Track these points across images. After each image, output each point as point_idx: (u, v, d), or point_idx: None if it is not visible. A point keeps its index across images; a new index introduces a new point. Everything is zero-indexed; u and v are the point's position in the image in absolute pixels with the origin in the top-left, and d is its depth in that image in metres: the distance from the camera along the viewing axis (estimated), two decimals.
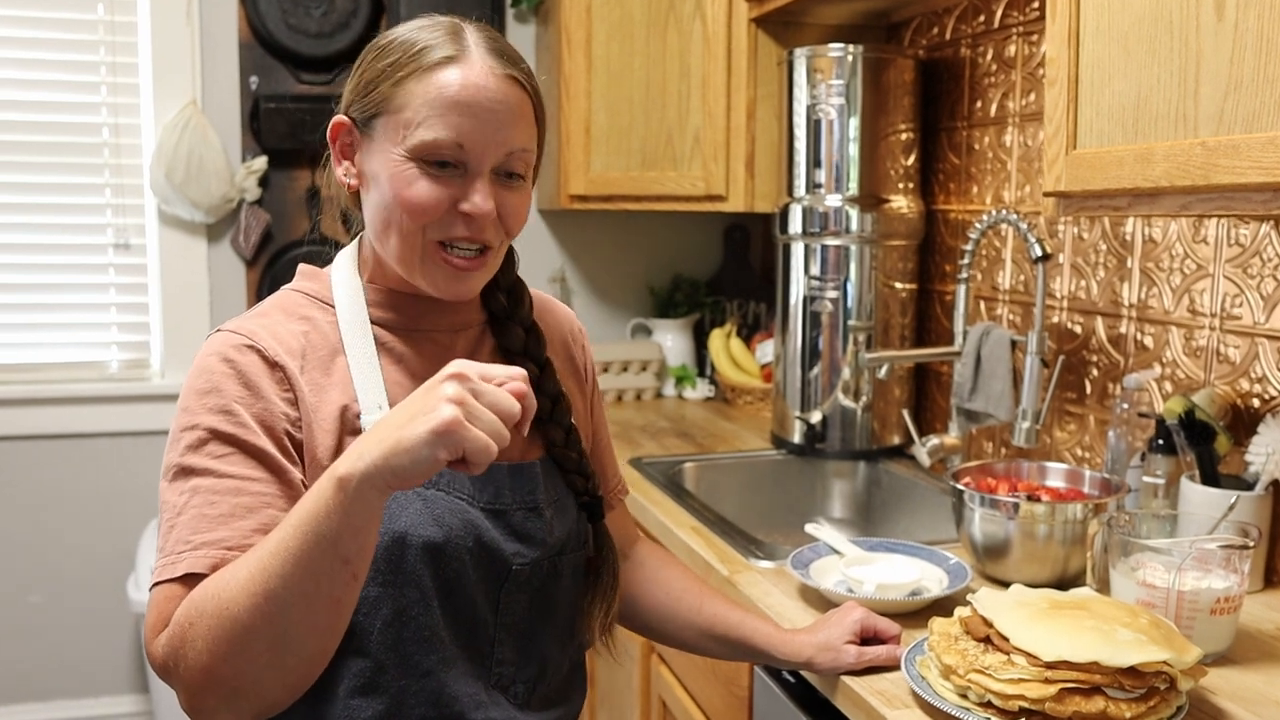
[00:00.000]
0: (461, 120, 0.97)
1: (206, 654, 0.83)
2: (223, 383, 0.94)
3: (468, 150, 0.98)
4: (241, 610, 0.82)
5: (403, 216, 0.98)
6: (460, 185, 0.98)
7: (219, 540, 0.89)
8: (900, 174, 2.14)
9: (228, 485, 0.91)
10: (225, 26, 2.65)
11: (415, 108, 0.97)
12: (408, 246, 0.99)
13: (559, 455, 1.08)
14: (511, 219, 1.02)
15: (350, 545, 0.82)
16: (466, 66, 0.98)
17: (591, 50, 2.49)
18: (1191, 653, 1.01)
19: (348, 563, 0.83)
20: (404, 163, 0.98)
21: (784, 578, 1.47)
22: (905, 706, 1.09)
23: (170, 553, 0.89)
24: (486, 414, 0.81)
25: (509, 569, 1.02)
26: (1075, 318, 1.82)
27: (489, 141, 0.98)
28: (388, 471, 0.80)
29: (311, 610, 0.83)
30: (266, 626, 0.82)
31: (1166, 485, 1.49)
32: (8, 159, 2.61)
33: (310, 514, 0.82)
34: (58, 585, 2.72)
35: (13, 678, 2.73)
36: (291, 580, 0.81)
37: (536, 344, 1.10)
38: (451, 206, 0.98)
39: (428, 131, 0.96)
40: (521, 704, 1.04)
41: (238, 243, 2.70)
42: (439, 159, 0.97)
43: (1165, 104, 1.14)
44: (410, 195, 0.97)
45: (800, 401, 2.20)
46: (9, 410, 2.62)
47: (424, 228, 0.98)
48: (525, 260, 2.95)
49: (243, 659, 0.83)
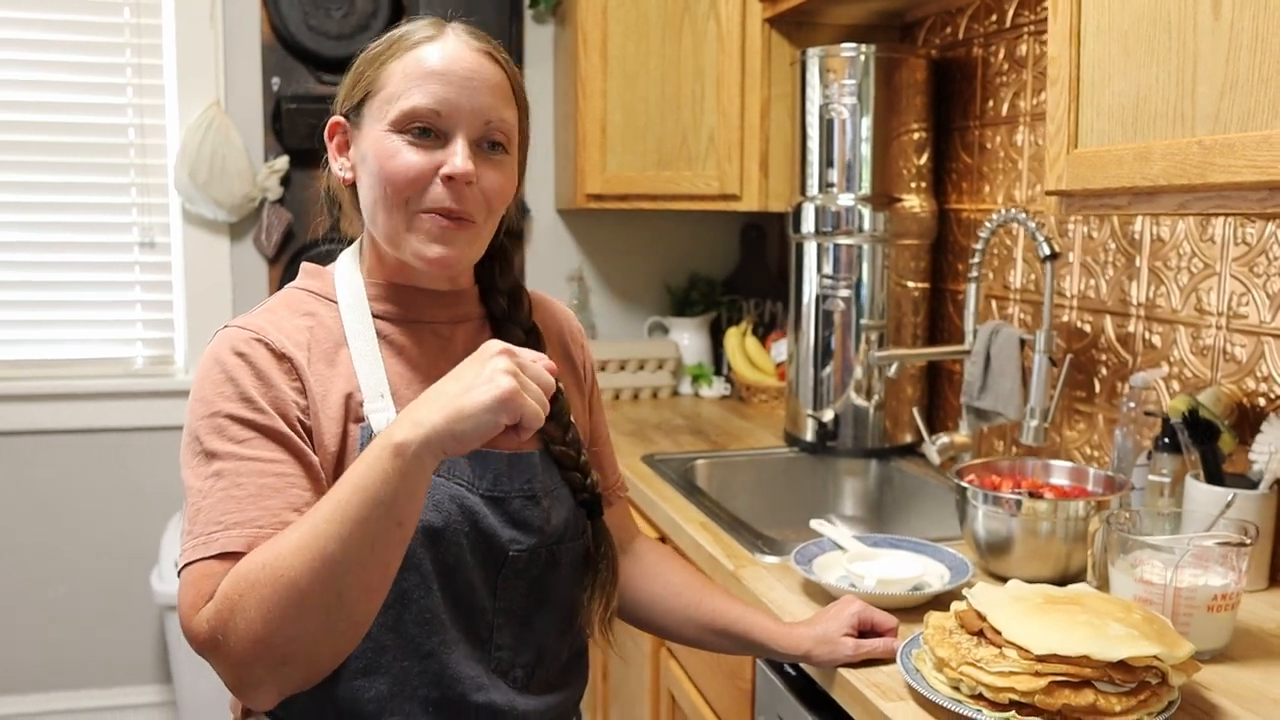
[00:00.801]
0: (438, 87, 1.01)
1: (260, 623, 0.85)
2: (236, 373, 0.97)
3: (445, 116, 1.01)
4: (299, 575, 0.85)
5: (388, 188, 1.02)
6: (442, 154, 1.02)
7: (251, 520, 0.91)
8: (913, 173, 2.15)
9: (252, 467, 0.94)
10: (248, 29, 2.69)
11: (396, 82, 1.02)
12: (393, 220, 1.03)
13: (558, 453, 1.11)
14: (493, 192, 1.04)
15: (405, 508, 0.87)
16: (443, 42, 1.03)
17: (607, 51, 2.51)
18: (1183, 648, 1.02)
19: (400, 525, 0.87)
20: (387, 136, 1.02)
21: (788, 573, 1.48)
22: (900, 699, 1.10)
23: (200, 534, 0.91)
24: (534, 385, 0.89)
25: (506, 555, 1.04)
26: (1085, 316, 1.82)
27: (466, 106, 1.02)
28: (449, 436, 0.85)
29: (366, 572, 0.87)
30: (322, 590, 0.85)
31: (1172, 484, 1.49)
32: (38, 159, 2.67)
33: (365, 479, 0.85)
34: (83, 577, 2.78)
35: (39, 667, 2.78)
36: (350, 543, 0.85)
37: (536, 345, 1.12)
38: (432, 175, 1.01)
39: (406, 101, 1.01)
40: (521, 688, 1.07)
41: (260, 241, 2.74)
42: (419, 126, 1.01)
43: (1164, 103, 1.15)
44: (394, 165, 1.01)
45: (813, 400, 2.21)
46: (37, 405, 2.68)
47: (408, 199, 1.01)
48: (543, 259, 3.01)
49: (298, 624, 0.86)
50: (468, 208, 1.02)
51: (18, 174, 2.66)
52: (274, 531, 0.90)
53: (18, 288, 2.70)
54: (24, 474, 2.71)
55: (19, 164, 2.66)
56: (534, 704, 1.07)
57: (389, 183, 1.01)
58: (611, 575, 1.15)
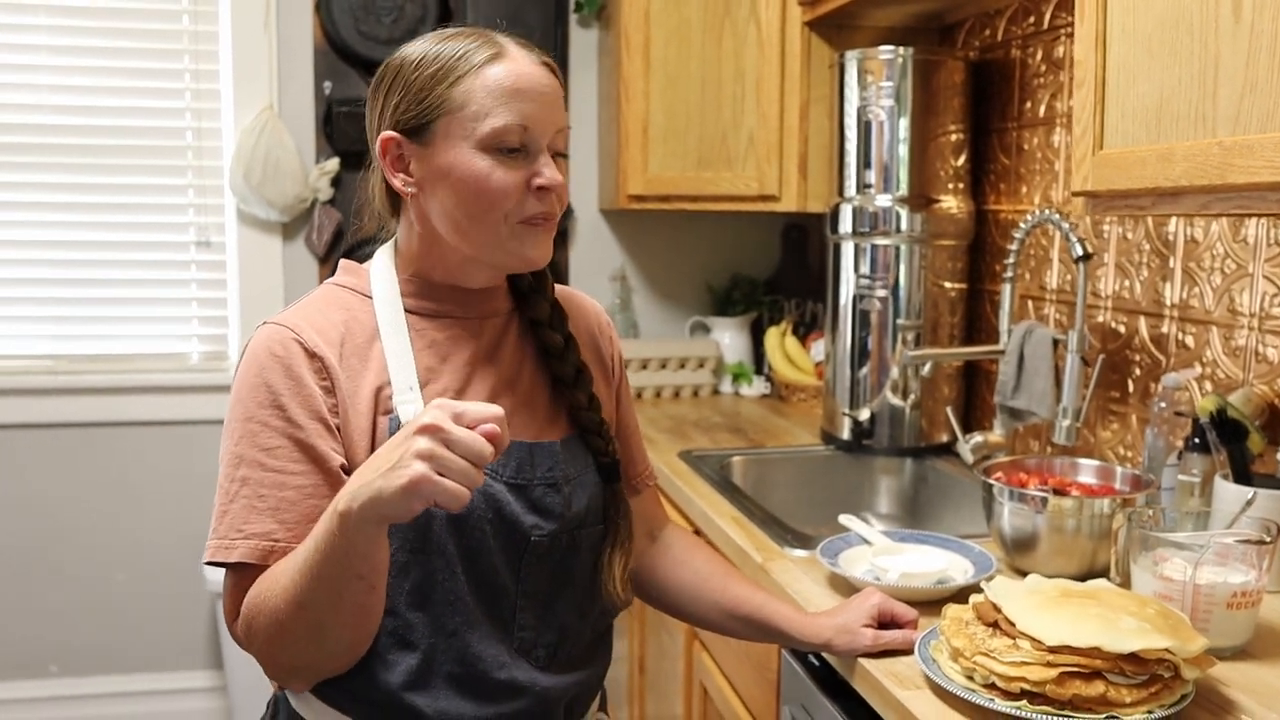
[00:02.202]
0: (523, 105, 1.06)
1: (265, 644, 1.00)
2: (270, 376, 1.04)
3: (530, 131, 1.06)
4: (282, 614, 0.97)
5: (485, 204, 1.06)
6: (527, 167, 1.07)
7: (267, 533, 1.01)
8: (950, 174, 2.16)
9: (274, 479, 1.02)
10: (301, 34, 2.77)
11: (479, 101, 1.05)
12: (490, 231, 1.08)
13: (582, 418, 1.16)
14: (564, 194, 1.11)
15: (361, 565, 0.94)
16: (512, 59, 1.07)
17: (650, 53, 2.55)
18: (1196, 642, 1.03)
19: (362, 578, 0.95)
20: (477, 155, 1.06)
21: (815, 566, 1.51)
22: (917, 688, 1.13)
23: (224, 536, 1.02)
24: (458, 463, 0.86)
25: (528, 540, 1.09)
26: (1119, 317, 1.83)
27: (546, 120, 1.07)
28: (375, 515, 0.89)
29: (338, 613, 0.97)
30: (304, 626, 0.97)
31: (1202, 484, 1.49)
32: (99, 161, 2.77)
33: (323, 539, 0.93)
34: (141, 564, 2.88)
35: (98, 651, 2.89)
36: (318, 592, 0.95)
37: (560, 317, 1.18)
38: (525, 187, 1.07)
39: (496, 119, 1.05)
40: (543, 667, 1.11)
41: (311, 240, 2.82)
42: (508, 145, 1.06)
43: (1186, 105, 1.16)
44: (492, 185, 1.06)
45: (849, 399, 2.23)
46: (97, 398, 2.78)
47: (506, 213, 1.07)
48: (586, 259, 3.06)
49: (291, 649, 1.00)
50: (558, 211, 1.10)
51: (81, 175, 2.76)
52: (288, 545, 1.00)
53: (80, 285, 2.81)
54: (83, 464, 2.82)
55: (82, 166, 2.76)
56: (556, 682, 1.12)
57: (488, 199, 1.06)
58: (628, 533, 1.20)
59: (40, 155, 2.74)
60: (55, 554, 2.83)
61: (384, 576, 0.97)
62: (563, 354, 1.16)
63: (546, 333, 1.17)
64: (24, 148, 2.73)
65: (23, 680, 2.86)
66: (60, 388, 2.77)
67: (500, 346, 1.15)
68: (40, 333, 2.80)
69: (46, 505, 2.81)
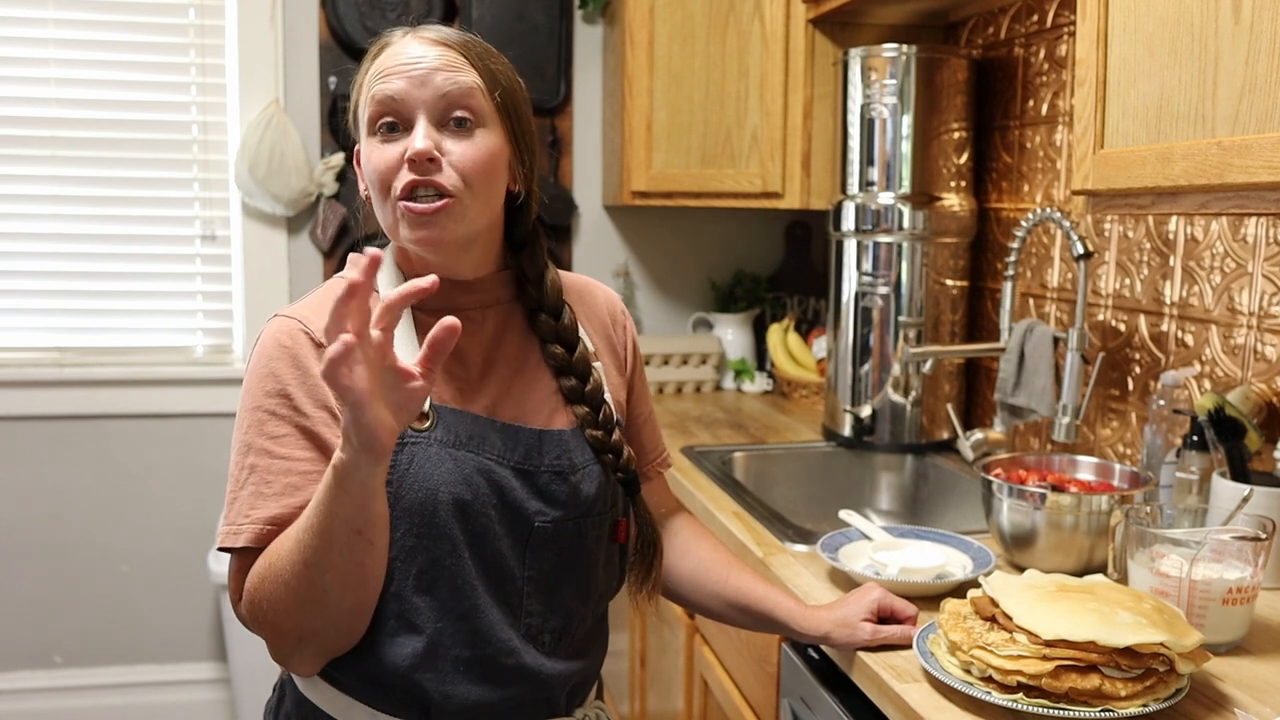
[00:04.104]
0: (390, 81, 1.06)
1: (272, 613, 1.01)
2: (278, 367, 1.06)
3: (399, 103, 1.06)
4: (290, 576, 0.98)
5: (375, 189, 1.08)
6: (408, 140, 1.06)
7: (271, 518, 1.03)
8: (953, 172, 2.17)
9: (281, 465, 1.04)
10: (306, 29, 2.78)
11: (363, 93, 1.09)
12: (385, 214, 1.09)
13: (590, 437, 1.15)
14: (466, 164, 1.06)
15: (358, 518, 0.95)
16: (396, 45, 1.09)
17: (654, 50, 2.56)
18: (1191, 636, 1.04)
19: (360, 533, 0.96)
20: (368, 143, 1.09)
21: (815, 560, 1.52)
22: (914, 680, 1.14)
23: (233, 521, 1.04)
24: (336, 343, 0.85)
25: (532, 526, 1.10)
26: (1120, 315, 1.84)
27: (415, 91, 1.05)
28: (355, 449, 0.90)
29: (341, 572, 0.98)
30: (309, 588, 0.98)
31: (1200, 481, 1.50)
32: (105, 154, 2.78)
33: (321, 497, 0.95)
34: (145, 556, 2.89)
35: (102, 641, 2.91)
36: (320, 551, 0.96)
37: (566, 330, 1.17)
38: (401, 161, 1.06)
39: (369, 105, 1.07)
40: (549, 652, 1.13)
41: (316, 235, 2.83)
42: (384, 124, 1.06)
43: (1185, 104, 1.17)
44: (371, 165, 1.07)
45: (851, 396, 2.24)
46: (102, 390, 2.80)
47: (388, 191, 1.07)
48: (590, 255, 3.07)
49: (299, 614, 1.00)
50: (439, 182, 1.05)
51: (86, 169, 2.78)
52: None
53: (86, 278, 2.82)
54: (88, 456, 2.83)
55: (88, 159, 2.77)
56: (561, 668, 1.13)
57: (371, 180, 1.08)
58: (654, 550, 1.21)
59: (46, 149, 2.75)
60: (60, 545, 2.85)
61: (383, 533, 0.99)
62: (568, 368, 1.16)
63: (551, 348, 1.16)
64: (30, 141, 2.74)
65: (27, 670, 2.88)
66: (65, 380, 2.78)
67: (505, 335, 1.16)
68: (46, 325, 2.81)
69: (51, 497, 2.83)
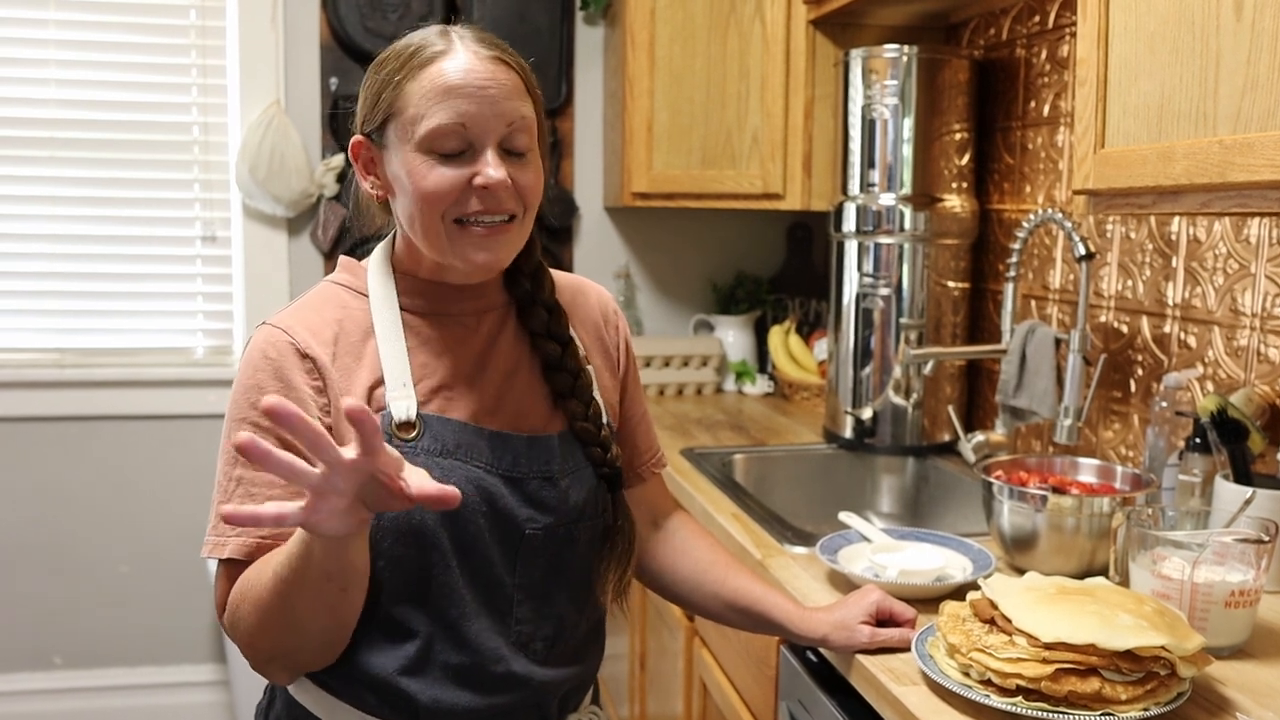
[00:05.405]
0: (458, 102, 1.03)
1: (248, 631, 1.02)
2: (262, 379, 1.06)
3: (470, 129, 1.04)
4: (265, 601, 0.99)
5: (425, 208, 1.05)
6: (471, 165, 1.05)
7: (256, 530, 1.02)
8: (954, 173, 2.16)
9: (265, 478, 1.03)
10: (307, 30, 2.78)
11: (416, 104, 1.04)
12: (434, 234, 1.07)
13: (579, 429, 1.15)
14: (526, 189, 1.07)
15: (331, 567, 0.95)
16: (454, 56, 1.05)
17: (655, 51, 2.55)
18: (1193, 640, 1.03)
19: (330, 580, 0.96)
20: (417, 157, 1.05)
21: (814, 563, 1.51)
22: (913, 683, 1.13)
23: (220, 532, 1.04)
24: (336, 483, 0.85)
25: (522, 533, 1.09)
26: (1122, 317, 1.83)
27: (487, 116, 1.04)
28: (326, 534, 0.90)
29: (312, 610, 0.99)
30: (281, 617, 0.99)
31: (1202, 484, 1.49)
32: (106, 155, 2.78)
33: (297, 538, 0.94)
34: (144, 558, 2.89)
35: (101, 643, 2.90)
36: (293, 589, 0.96)
37: (558, 324, 1.17)
38: (466, 186, 1.05)
39: (431, 120, 1.03)
40: (540, 660, 1.12)
41: (316, 236, 2.83)
42: (446, 147, 1.04)
43: (1187, 103, 1.16)
44: (427, 186, 1.04)
45: (852, 398, 2.23)
46: (102, 391, 2.79)
47: (443, 213, 1.05)
48: (590, 256, 3.07)
49: (271, 636, 1.01)
50: (507, 208, 1.06)
51: (87, 170, 2.77)
52: (275, 542, 1.02)
53: (86, 279, 2.81)
54: (88, 457, 2.83)
55: (89, 160, 2.77)
56: (553, 675, 1.12)
57: (426, 202, 1.05)
58: (627, 549, 1.19)
59: (47, 150, 2.75)
60: (59, 546, 2.84)
61: (357, 580, 0.98)
62: (559, 363, 1.15)
63: (543, 342, 1.16)
64: (31, 142, 2.74)
65: (27, 672, 2.87)
66: (66, 381, 2.78)
67: (497, 340, 1.15)
68: (46, 326, 2.81)
69: (51, 498, 2.82)
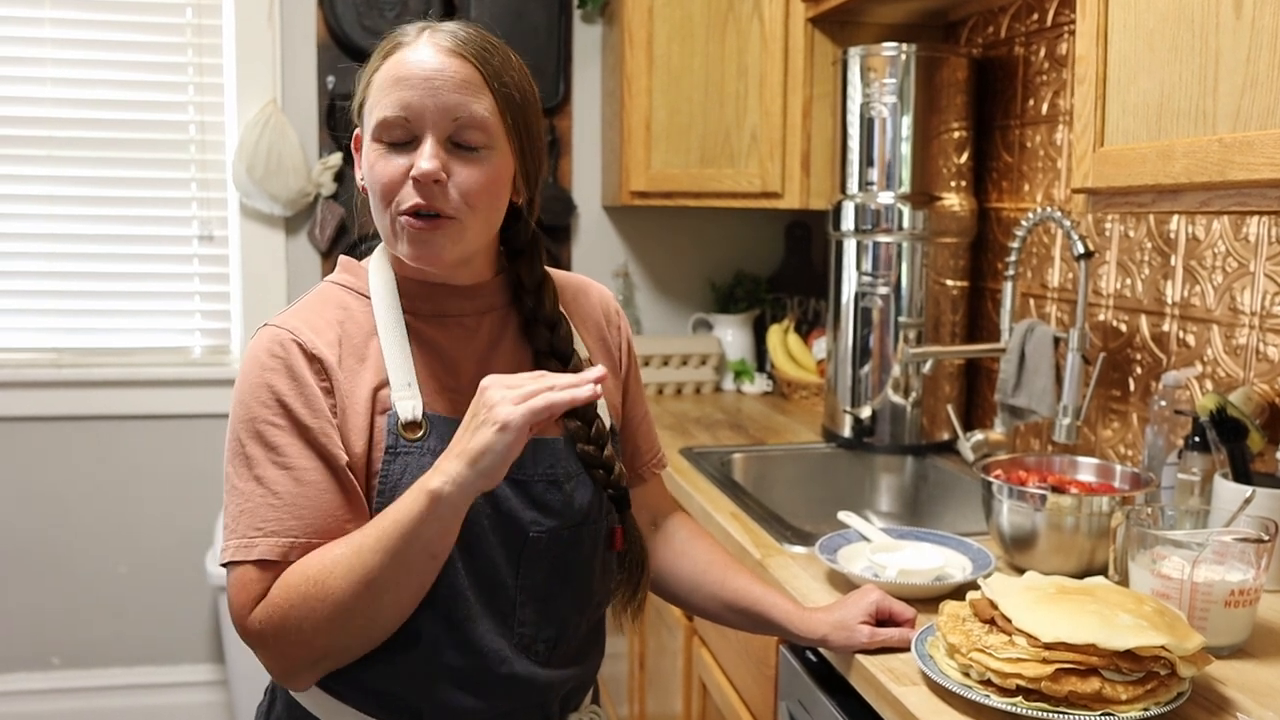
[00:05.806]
0: (403, 93, 1.03)
1: (310, 632, 0.98)
2: (273, 378, 1.04)
3: (411, 120, 1.04)
4: (345, 596, 0.97)
5: (375, 199, 1.06)
6: (414, 156, 1.04)
7: (288, 529, 1.01)
8: (953, 171, 2.15)
9: (288, 476, 1.02)
10: (304, 29, 2.77)
11: (373, 94, 1.06)
12: (383, 223, 1.07)
13: (581, 452, 1.13)
14: (469, 188, 1.04)
15: (439, 543, 0.97)
16: (412, 48, 1.06)
17: (653, 50, 2.55)
18: (1193, 639, 1.03)
19: (434, 557, 0.98)
20: (372, 147, 1.06)
21: (813, 562, 1.51)
22: (913, 684, 1.12)
23: (243, 535, 1.01)
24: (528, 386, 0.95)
25: (526, 536, 1.09)
26: (1121, 315, 1.82)
27: (429, 108, 1.03)
28: (475, 475, 0.94)
29: (401, 594, 0.99)
30: (364, 609, 0.98)
31: (1201, 483, 1.49)
32: (102, 155, 2.77)
33: (404, 517, 0.96)
34: (142, 558, 2.88)
35: (100, 643, 2.90)
36: (388, 571, 0.96)
37: (562, 341, 1.15)
38: (406, 178, 1.04)
39: (380, 111, 1.04)
40: (543, 662, 1.11)
41: (314, 235, 2.82)
42: (393, 136, 1.04)
43: (1186, 101, 1.16)
44: (374, 175, 1.05)
45: (851, 397, 2.23)
46: (99, 391, 2.79)
47: (389, 204, 1.05)
48: (589, 255, 3.06)
49: (342, 635, 1.00)
50: (440, 205, 1.04)
51: (84, 169, 2.77)
52: (307, 541, 1.00)
53: (83, 278, 2.81)
54: (85, 457, 2.82)
55: (86, 159, 2.77)
56: (555, 676, 1.12)
57: (375, 191, 1.06)
58: (640, 572, 1.19)
59: (44, 149, 2.74)
60: (57, 547, 2.84)
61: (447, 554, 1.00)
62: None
63: (545, 360, 1.15)
64: (27, 141, 2.73)
65: (25, 672, 2.87)
66: (63, 381, 2.77)
67: (499, 341, 1.15)
68: (43, 326, 2.80)
69: (49, 498, 2.82)
